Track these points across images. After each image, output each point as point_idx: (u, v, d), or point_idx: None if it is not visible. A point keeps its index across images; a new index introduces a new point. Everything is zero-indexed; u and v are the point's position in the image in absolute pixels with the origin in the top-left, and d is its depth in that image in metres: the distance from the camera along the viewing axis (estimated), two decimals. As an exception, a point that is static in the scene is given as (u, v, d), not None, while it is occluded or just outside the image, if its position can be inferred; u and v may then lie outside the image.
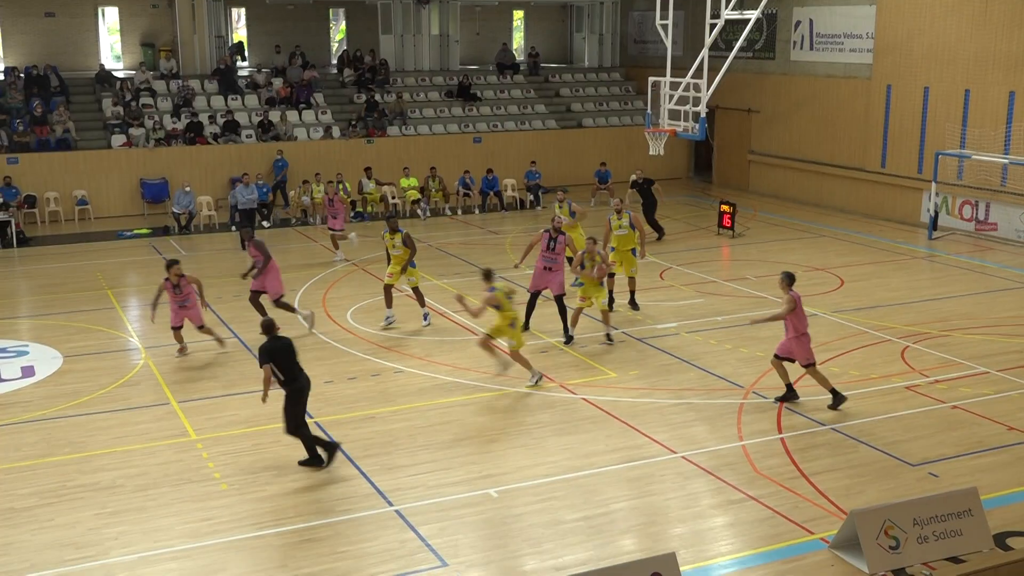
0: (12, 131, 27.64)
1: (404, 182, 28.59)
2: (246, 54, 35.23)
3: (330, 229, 22.77)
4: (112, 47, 34.59)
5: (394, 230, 17.10)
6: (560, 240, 16.61)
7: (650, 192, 24.41)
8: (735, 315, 17.83)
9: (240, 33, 36.29)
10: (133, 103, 29.54)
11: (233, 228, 25.19)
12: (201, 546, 10.12)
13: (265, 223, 26.45)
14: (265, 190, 26.85)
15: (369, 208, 28.09)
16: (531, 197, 29.46)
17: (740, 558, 9.87)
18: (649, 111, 23.91)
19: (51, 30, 32.30)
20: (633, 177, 25.00)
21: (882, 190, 27.34)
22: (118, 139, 28.47)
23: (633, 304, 18.15)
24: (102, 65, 31.79)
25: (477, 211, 28.84)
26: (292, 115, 30.63)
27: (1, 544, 10.11)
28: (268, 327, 11.73)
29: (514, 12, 39.01)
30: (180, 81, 30.95)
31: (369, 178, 28.30)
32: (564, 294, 16.66)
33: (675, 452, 12.25)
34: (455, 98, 33.52)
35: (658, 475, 11.71)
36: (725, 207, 25.37)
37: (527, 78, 35.88)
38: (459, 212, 28.67)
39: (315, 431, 12.19)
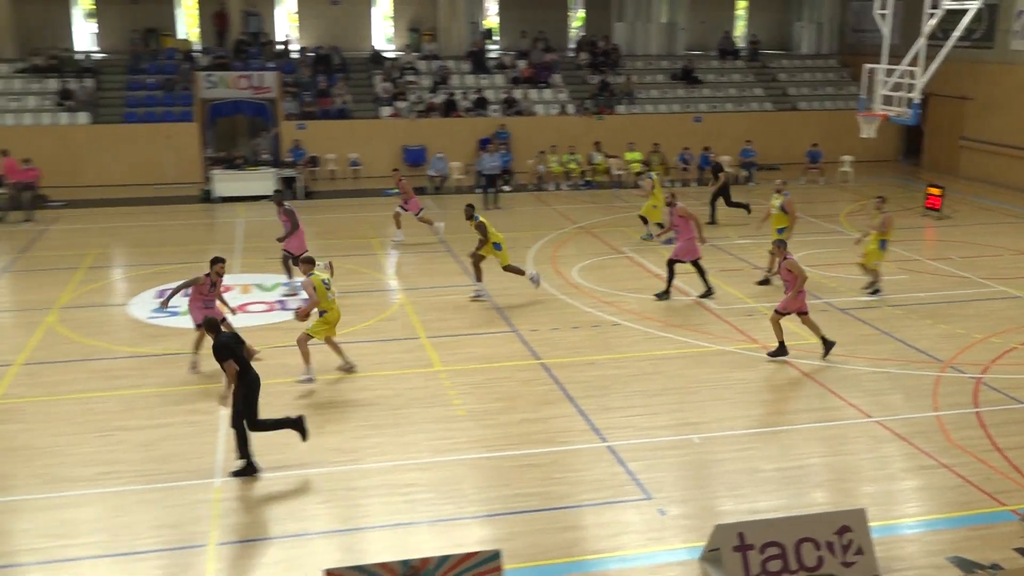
0: (301, 102, 29.36)
1: (628, 155, 28.47)
2: (496, 38, 35.82)
3: (406, 211, 20.72)
4: (385, 32, 35.96)
5: (469, 217, 16.34)
6: (673, 211, 16.28)
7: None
8: (937, 292, 16.80)
9: (491, 19, 36.88)
10: (399, 80, 30.71)
11: (478, 191, 25.81)
12: (442, 461, 10.57)
13: (506, 187, 26.97)
14: (507, 159, 27.35)
15: (597, 178, 28.17)
16: (745, 173, 28.67)
17: (928, 520, 9.38)
18: (863, 96, 22.63)
19: (335, 16, 33.92)
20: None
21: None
22: (386, 111, 29.73)
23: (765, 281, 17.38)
24: (375, 47, 33.19)
25: (694, 184, 28.34)
26: (533, 93, 30.98)
27: (283, 444, 10.90)
28: (212, 326, 10.32)
29: (737, 1, 37.73)
30: (439, 61, 31.90)
31: (599, 151, 28.37)
32: (699, 258, 16.32)
33: (870, 416, 11.73)
34: (679, 80, 32.91)
35: (852, 436, 11.26)
36: (933, 189, 23.79)
37: (747, 63, 34.72)
38: (678, 184, 28.22)
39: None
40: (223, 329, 10.82)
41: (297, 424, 10.48)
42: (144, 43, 31.46)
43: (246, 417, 10.08)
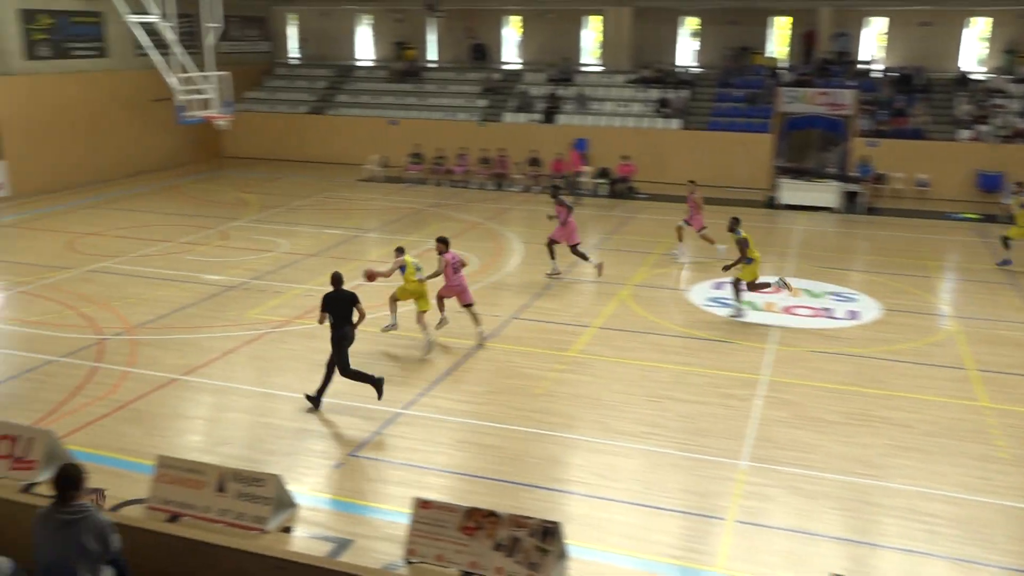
0: (876, 120, 27.88)
1: None
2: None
3: (689, 225, 19.35)
4: (976, 53, 32.55)
5: (731, 230, 15.37)
6: None
7: None
8: None
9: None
10: (985, 103, 27.58)
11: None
12: (971, 500, 9.37)
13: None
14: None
15: None
16: None
17: None
18: None
19: (925, 37, 31.50)
20: None
21: None
22: (965, 133, 26.94)
23: None
24: (961, 68, 30.20)
25: None
26: None
27: (809, 443, 10.57)
28: (336, 280, 11.17)
29: None
30: (1034, 85, 27.99)
31: None
32: None
33: None
34: None
35: None
36: None
37: None
38: None
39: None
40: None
41: (376, 383, 11.23)
42: (736, 60, 32.40)
43: (336, 363, 11.09)
